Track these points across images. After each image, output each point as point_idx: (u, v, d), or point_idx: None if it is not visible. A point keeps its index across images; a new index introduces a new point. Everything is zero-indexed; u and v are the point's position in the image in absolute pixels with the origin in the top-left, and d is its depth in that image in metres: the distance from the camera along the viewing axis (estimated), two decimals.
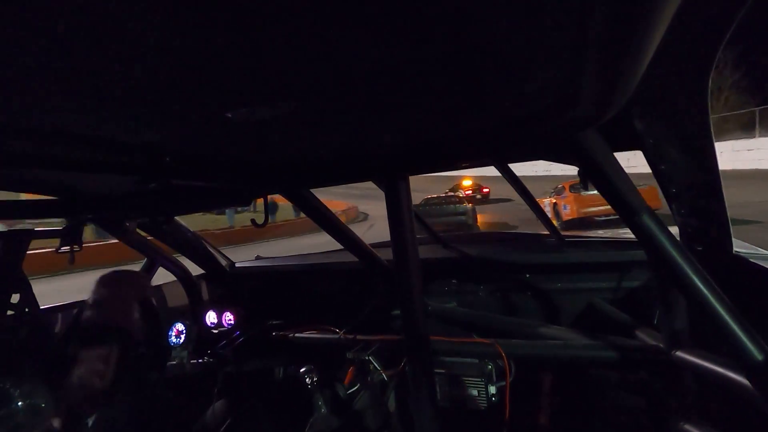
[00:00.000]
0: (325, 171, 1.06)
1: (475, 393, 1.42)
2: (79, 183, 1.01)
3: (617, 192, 0.81)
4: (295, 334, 1.78)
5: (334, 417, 1.56)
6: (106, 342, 1.09)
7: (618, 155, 0.85)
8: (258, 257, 2.41)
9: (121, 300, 1.19)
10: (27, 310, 1.35)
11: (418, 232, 1.31)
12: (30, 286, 1.36)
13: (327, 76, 0.48)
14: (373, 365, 1.55)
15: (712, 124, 0.82)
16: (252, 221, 1.22)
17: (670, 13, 0.33)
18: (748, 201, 9.66)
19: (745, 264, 1.09)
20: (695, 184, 0.98)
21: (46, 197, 1.13)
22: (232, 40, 0.38)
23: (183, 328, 1.69)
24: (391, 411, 1.56)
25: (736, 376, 0.92)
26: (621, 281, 1.51)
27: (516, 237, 2.29)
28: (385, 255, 1.61)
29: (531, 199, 1.76)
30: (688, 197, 1.02)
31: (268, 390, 1.85)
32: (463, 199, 13.29)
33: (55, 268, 7.25)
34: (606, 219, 9.63)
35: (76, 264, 1.37)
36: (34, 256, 1.77)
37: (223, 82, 0.48)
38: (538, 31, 0.40)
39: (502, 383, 1.40)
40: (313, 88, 0.52)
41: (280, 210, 12.23)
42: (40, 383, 1.00)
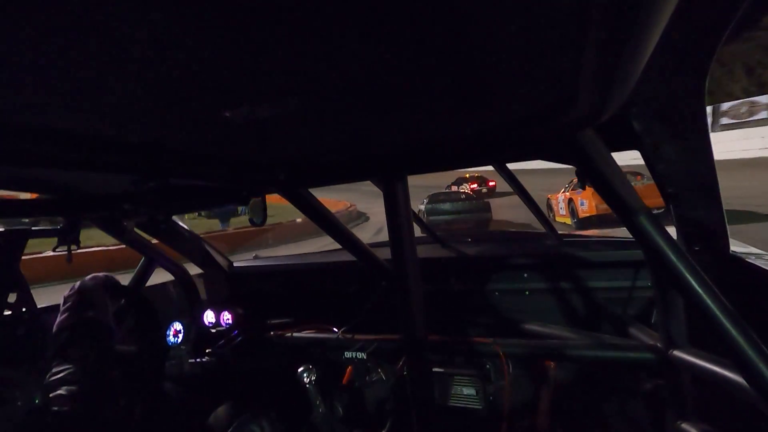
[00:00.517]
0: (323, 170, 1.06)
1: (473, 392, 1.42)
2: (76, 182, 1.01)
3: (615, 192, 0.81)
4: (294, 334, 1.77)
5: (332, 417, 1.56)
6: (80, 342, 1.15)
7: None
8: (256, 257, 2.41)
9: (91, 301, 1.26)
10: (24, 309, 1.34)
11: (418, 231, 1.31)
12: (27, 285, 1.36)
13: (325, 75, 0.48)
14: (372, 365, 1.55)
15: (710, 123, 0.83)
16: (250, 221, 1.22)
17: (668, 14, 0.33)
18: None
19: (741, 264, 1.10)
20: (692, 184, 0.99)
21: (44, 196, 1.13)
22: (230, 39, 0.38)
23: (181, 328, 1.69)
24: (390, 411, 1.56)
25: (733, 376, 0.93)
26: (619, 281, 1.52)
27: (515, 237, 2.29)
28: (384, 255, 1.61)
29: (529, 198, 1.77)
30: (685, 197, 1.02)
31: (266, 390, 1.85)
32: (470, 195, 12.78)
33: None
34: None
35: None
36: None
37: (222, 81, 0.48)
38: (536, 31, 0.40)
39: (501, 383, 1.40)
40: (311, 87, 0.52)
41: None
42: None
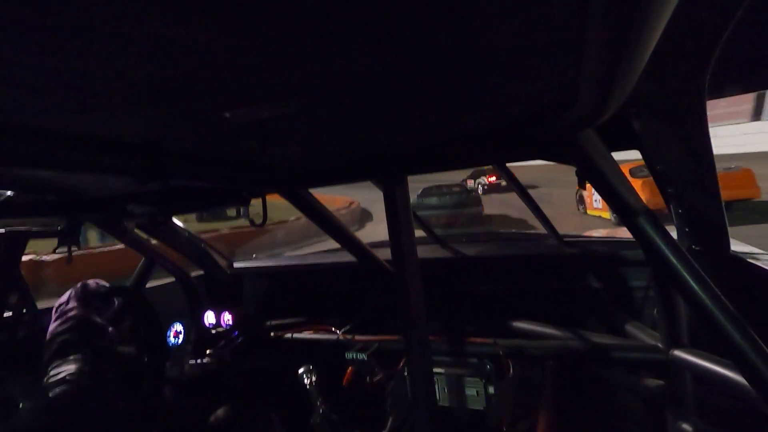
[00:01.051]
0: (323, 171, 1.06)
1: (474, 393, 1.42)
2: (77, 183, 1.01)
3: (615, 192, 0.81)
4: (294, 335, 1.77)
5: (333, 417, 1.56)
6: (75, 346, 1.17)
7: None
8: (256, 257, 2.41)
9: (83, 306, 1.26)
10: (24, 310, 1.34)
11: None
12: (27, 286, 1.36)
13: (326, 76, 0.48)
14: (372, 365, 1.55)
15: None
16: (250, 221, 1.23)
17: (668, 14, 0.33)
18: None
19: (741, 264, 1.10)
20: (692, 184, 0.99)
21: (45, 197, 1.13)
22: (231, 39, 0.38)
23: (181, 329, 1.69)
24: (390, 411, 1.56)
25: (733, 376, 0.93)
26: (619, 281, 1.52)
27: (515, 237, 2.30)
28: (384, 255, 1.61)
29: (528, 198, 1.77)
30: (685, 197, 1.02)
31: (267, 391, 1.85)
32: (464, 188, 11.97)
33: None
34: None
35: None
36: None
37: (222, 82, 0.48)
38: (536, 32, 0.41)
39: (502, 383, 1.40)
40: (311, 88, 0.52)
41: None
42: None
